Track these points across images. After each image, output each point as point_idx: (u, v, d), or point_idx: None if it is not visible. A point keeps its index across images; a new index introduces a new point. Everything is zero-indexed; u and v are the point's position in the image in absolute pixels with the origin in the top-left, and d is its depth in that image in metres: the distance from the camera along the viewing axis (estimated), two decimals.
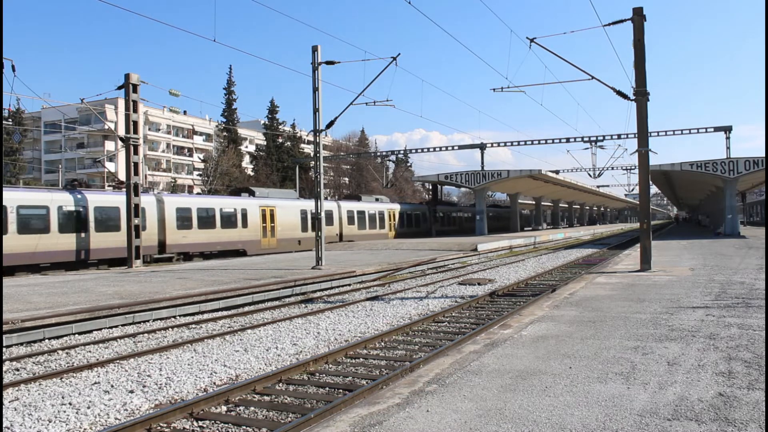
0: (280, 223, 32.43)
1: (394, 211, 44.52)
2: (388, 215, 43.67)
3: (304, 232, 33.91)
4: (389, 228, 43.67)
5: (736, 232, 38.58)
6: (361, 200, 42.60)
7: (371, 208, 42.04)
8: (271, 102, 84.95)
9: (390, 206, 44.72)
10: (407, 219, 48.01)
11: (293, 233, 33.44)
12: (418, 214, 50.11)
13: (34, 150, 79.22)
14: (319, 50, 20.48)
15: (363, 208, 40.93)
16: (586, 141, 44.77)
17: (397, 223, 45.48)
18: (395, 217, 44.47)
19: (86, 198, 22.73)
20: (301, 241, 33.53)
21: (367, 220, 40.91)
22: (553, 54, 17.35)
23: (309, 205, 34.16)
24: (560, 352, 6.71)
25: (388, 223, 43.64)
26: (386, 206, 44.04)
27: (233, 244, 29.17)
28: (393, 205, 45.57)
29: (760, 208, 77.88)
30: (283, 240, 32.46)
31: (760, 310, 9.11)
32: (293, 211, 33.80)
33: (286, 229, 32.75)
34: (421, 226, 50.13)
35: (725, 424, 4.33)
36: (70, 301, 12.18)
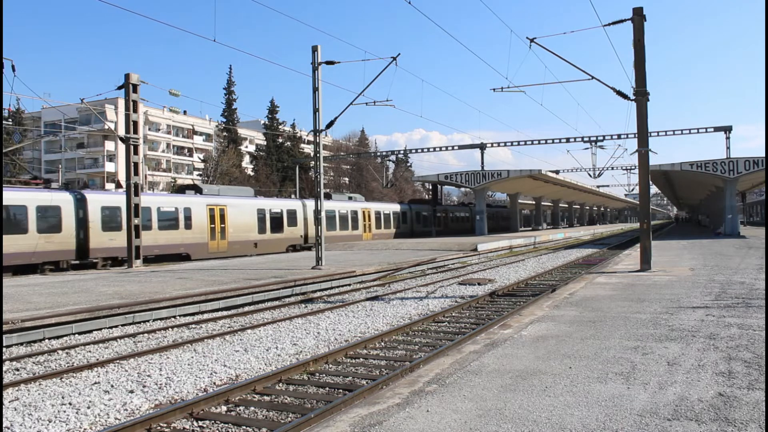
0: (233, 223, 29.06)
1: (370, 211, 41.39)
2: (363, 215, 40.38)
3: (261, 234, 30.74)
4: (364, 229, 40.39)
5: (736, 232, 38.58)
6: (332, 199, 38.92)
7: (343, 207, 38.52)
8: (271, 102, 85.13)
9: (365, 205, 41.65)
10: (406, 218, 47.47)
11: (248, 235, 30.03)
12: (420, 214, 49.06)
13: (34, 150, 79.21)
14: (319, 50, 20.48)
15: (332, 207, 37.39)
16: (586, 141, 44.79)
17: (390, 223, 43.61)
18: (371, 217, 41.25)
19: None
20: (257, 243, 30.32)
21: (338, 220, 37.54)
22: (553, 54, 17.36)
23: (268, 204, 32.12)
24: (560, 352, 6.71)
25: (363, 224, 40.37)
26: (361, 205, 40.84)
27: (174, 247, 25.91)
28: (368, 204, 42.68)
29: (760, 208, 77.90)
30: (236, 243, 29.12)
31: (760, 310, 9.11)
32: (248, 210, 30.37)
33: (239, 230, 29.37)
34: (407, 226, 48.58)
35: (725, 424, 4.33)
36: (70, 301, 12.18)
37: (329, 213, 36.44)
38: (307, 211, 34.36)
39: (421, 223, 49.07)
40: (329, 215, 36.38)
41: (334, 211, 37.37)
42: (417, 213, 48.97)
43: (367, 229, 40.73)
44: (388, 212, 44.56)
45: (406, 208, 47.60)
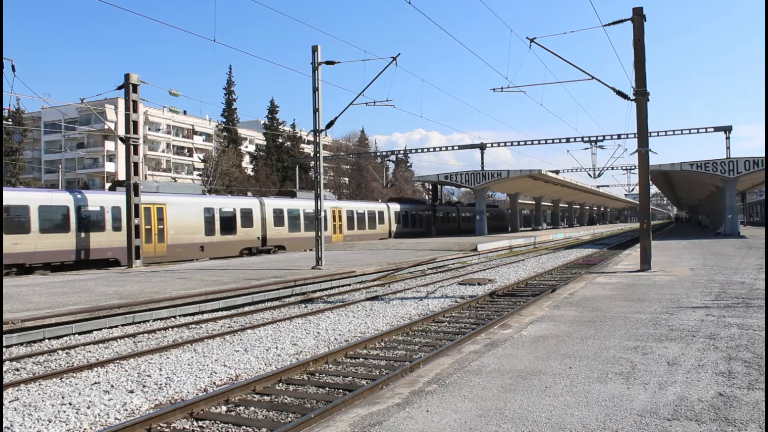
0: (174, 224, 25.69)
1: (340, 210, 38.15)
2: (334, 215, 37.18)
3: (209, 236, 27.41)
4: (335, 230, 37.12)
5: (736, 232, 38.58)
6: (296, 197, 35.89)
7: (309, 206, 34.08)
8: (271, 102, 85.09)
9: (335, 204, 38.41)
10: (406, 218, 47.05)
11: (192, 237, 26.62)
12: (416, 214, 48.09)
13: (34, 150, 79.22)
14: (319, 50, 20.48)
15: (296, 206, 34.11)
16: (586, 141, 44.83)
17: (365, 223, 40.64)
18: (341, 216, 38.10)
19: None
20: (204, 246, 27.03)
21: (303, 220, 34.13)
22: (553, 54, 17.37)
23: (217, 202, 28.97)
24: (560, 352, 6.71)
25: (333, 224, 36.93)
26: (330, 204, 37.29)
27: (99, 251, 22.66)
28: (339, 203, 39.49)
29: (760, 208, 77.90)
30: (177, 246, 25.73)
31: (760, 310, 9.11)
32: (192, 209, 26.91)
33: (181, 232, 25.93)
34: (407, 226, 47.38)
35: (725, 424, 4.33)
36: (70, 301, 12.18)
37: (292, 212, 33.56)
38: (265, 210, 31.60)
39: (401, 223, 45.95)
40: (292, 215, 33.50)
41: (298, 210, 34.12)
42: (398, 213, 45.88)
43: (337, 230, 37.41)
44: (363, 211, 41.25)
45: (383, 207, 44.43)
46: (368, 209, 42.30)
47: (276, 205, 32.80)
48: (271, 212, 31.86)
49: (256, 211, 30.90)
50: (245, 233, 29.72)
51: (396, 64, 19.77)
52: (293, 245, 32.92)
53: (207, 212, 27.77)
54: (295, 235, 33.49)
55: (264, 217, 31.32)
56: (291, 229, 33.17)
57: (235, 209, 29.53)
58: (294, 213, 33.79)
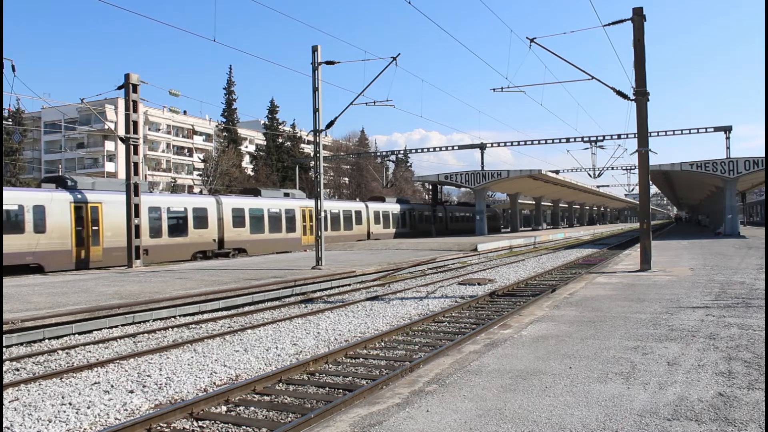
0: (111, 226, 22.97)
1: (312, 209, 33.82)
2: (303, 215, 34.00)
3: (154, 238, 24.79)
4: (305, 231, 34.07)
5: (736, 232, 38.58)
6: (261, 195, 32.93)
7: (274, 205, 32.21)
8: (271, 102, 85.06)
9: (306, 203, 34.68)
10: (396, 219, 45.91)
11: None
12: (398, 214, 45.76)
13: (34, 150, 79.23)
14: (319, 50, 20.48)
15: (259, 205, 31.22)
16: (586, 141, 44.85)
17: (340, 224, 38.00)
18: (312, 217, 34.08)
19: None
20: (149, 250, 24.29)
21: (267, 221, 31.30)
22: (553, 54, 17.37)
23: (165, 201, 26.10)
24: (560, 352, 6.71)
25: (303, 225, 34.01)
26: (299, 203, 34.27)
27: (18, 256, 20.08)
28: (311, 202, 34.55)
29: (760, 208, 77.90)
30: (116, 249, 22.93)
31: (760, 310, 9.11)
32: None
33: (121, 234, 22.79)
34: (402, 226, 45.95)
35: (725, 424, 4.33)
36: (70, 301, 12.18)
37: (254, 212, 30.59)
38: (222, 210, 28.38)
39: (381, 224, 43.06)
40: (254, 215, 30.55)
41: (262, 210, 31.23)
42: (377, 212, 42.98)
43: (308, 231, 34.27)
44: (337, 211, 38.27)
45: (361, 207, 41.70)
46: (344, 209, 39.55)
47: (236, 204, 29.81)
48: (229, 212, 28.95)
49: (211, 210, 27.96)
50: (198, 235, 26.86)
51: (396, 64, 19.79)
52: (256, 248, 30.13)
53: (152, 212, 25.07)
54: (258, 237, 30.56)
55: (221, 218, 28.39)
56: (253, 230, 30.33)
57: (187, 209, 26.74)
58: (257, 213, 30.84)
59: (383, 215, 43.87)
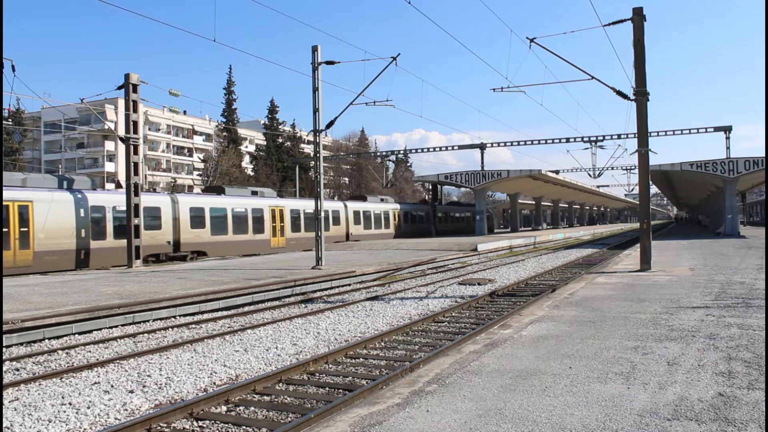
0: (44, 226, 20.64)
1: (283, 209, 32.73)
2: (272, 215, 31.75)
3: (97, 240, 22.29)
4: (274, 232, 31.81)
5: (736, 232, 38.58)
6: (224, 194, 30.44)
7: (241, 204, 29.85)
8: (271, 102, 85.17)
9: (276, 202, 32.85)
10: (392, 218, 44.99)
11: (70, 243, 21.44)
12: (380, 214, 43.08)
13: (34, 150, 79.24)
14: (319, 50, 20.48)
15: (222, 204, 28.77)
16: (586, 141, 44.86)
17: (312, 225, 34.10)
18: (282, 217, 32.59)
19: None
20: (89, 252, 22.00)
21: (231, 221, 28.94)
22: (553, 54, 17.37)
23: (110, 199, 23.48)
24: (560, 352, 6.71)
25: (273, 226, 31.70)
26: (269, 202, 32.06)
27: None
28: (282, 201, 33.78)
29: (760, 208, 77.88)
30: (49, 253, 20.70)
31: (760, 310, 9.11)
32: (72, 208, 21.71)
33: (55, 236, 20.92)
34: None
35: (725, 424, 4.33)
36: (70, 301, 12.18)
37: (216, 212, 28.15)
38: (179, 209, 25.87)
39: (362, 224, 40.62)
40: (216, 215, 28.07)
41: (225, 210, 28.79)
42: (357, 212, 40.35)
43: (278, 233, 32.03)
44: (311, 210, 34.48)
45: (339, 206, 38.86)
46: (332, 209, 37.04)
47: (194, 203, 27.36)
48: (187, 211, 26.39)
49: (166, 210, 25.57)
50: (150, 237, 24.34)
51: (396, 64, 19.79)
52: (218, 250, 27.77)
53: (95, 211, 22.59)
54: (220, 239, 28.06)
55: (177, 218, 25.90)
56: (215, 231, 27.83)
57: None
58: (219, 212, 28.34)
59: (364, 215, 41.26)
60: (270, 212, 31.67)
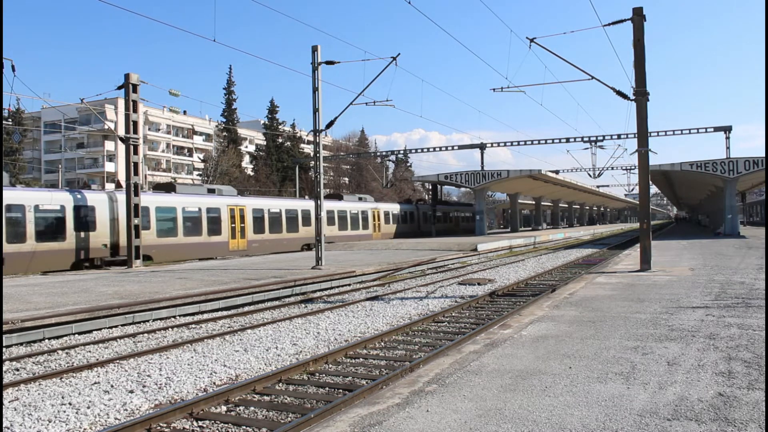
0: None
1: (244, 209, 29.81)
2: (231, 215, 28.84)
3: (15, 243, 19.97)
4: (233, 233, 28.89)
5: (736, 232, 38.58)
6: (174, 192, 27.68)
7: (194, 203, 26.96)
8: (271, 102, 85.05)
9: (237, 201, 29.89)
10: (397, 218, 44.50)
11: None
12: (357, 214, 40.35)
13: (34, 150, 79.25)
14: (319, 50, 20.48)
15: (170, 203, 26.02)
16: (586, 141, 44.84)
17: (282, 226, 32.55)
18: (243, 217, 29.68)
19: None
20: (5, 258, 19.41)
21: (181, 222, 26.09)
22: (553, 54, 17.36)
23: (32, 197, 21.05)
24: (560, 352, 6.71)
25: (232, 227, 28.82)
26: (226, 201, 28.99)
27: None
28: (242, 200, 30.65)
29: (760, 208, 77.89)
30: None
31: (760, 310, 9.11)
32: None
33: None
34: None
35: (725, 424, 4.33)
36: (70, 301, 12.18)
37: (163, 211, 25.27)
38: (117, 208, 23.12)
39: (336, 225, 37.78)
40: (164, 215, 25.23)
41: (174, 209, 25.97)
42: (330, 212, 37.49)
43: (237, 234, 29.24)
44: (278, 210, 32.64)
45: (308, 206, 34.81)
46: (286, 208, 33.67)
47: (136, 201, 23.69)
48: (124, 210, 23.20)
49: (102, 209, 22.87)
50: (82, 239, 22.09)
51: (396, 64, 19.79)
52: (165, 254, 24.94)
53: (11, 211, 20.19)
54: (168, 242, 25.29)
55: (116, 218, 23.17)
56: (162, 233, 25.00)
57: (65, 207, 21.79)
58: (167, 213, 25.60)
59: (340, 215, 38.21)
60: (228, 212, 28.85)
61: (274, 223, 31.94)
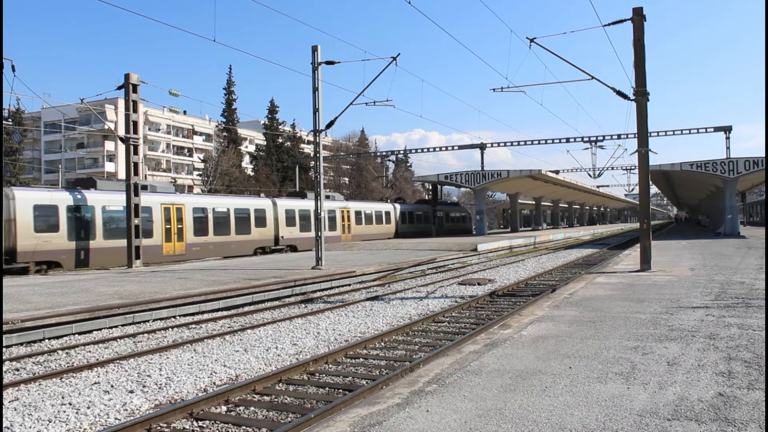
0: None
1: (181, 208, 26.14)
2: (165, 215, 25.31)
3: None
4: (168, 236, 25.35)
5: (736, 232, 38.57)
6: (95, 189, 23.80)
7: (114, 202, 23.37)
8: (271, 102, 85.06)
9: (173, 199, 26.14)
10: None
11: None
12: None
13: (34, 150, 79.23)
14: (319, 50, 20.48)
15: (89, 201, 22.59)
16: (586, 141, 44.86)
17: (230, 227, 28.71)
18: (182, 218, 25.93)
19: None
20: None
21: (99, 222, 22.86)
22: (553, 54, 17.36)
23: None
24: (560, 352, 6.71)
25: (167, 228, 25.33)
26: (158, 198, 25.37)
27: None
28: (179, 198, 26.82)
29: (760, 208, 77.90)
30: None
31: (760, 310, 9.11)
32: None
33: None
34: None
35: (725, 424, 4.33)
36: (70, 301, 12.18)
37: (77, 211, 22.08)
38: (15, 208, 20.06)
39: (296, 226, 33.78)
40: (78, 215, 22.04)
41: (92, 208, 22.65)
42: (291, 211, 33.57)
43: (173, 237, 25.60)
44: (224, 209, 28.79)
45: (265, 204, 31.86)
46: (236, 207, 29.64)
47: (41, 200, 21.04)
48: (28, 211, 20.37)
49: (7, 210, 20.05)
50: None
51: (396, 64, 19.79)
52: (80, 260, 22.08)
53: None
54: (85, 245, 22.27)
55: (12, 218, 20.11)
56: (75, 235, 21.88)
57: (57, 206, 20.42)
58: (83, 212, 22.37)
59: (301, 215, 34.05)
60: (162, 211, 25.32)
61: (220, 224, 28.29)
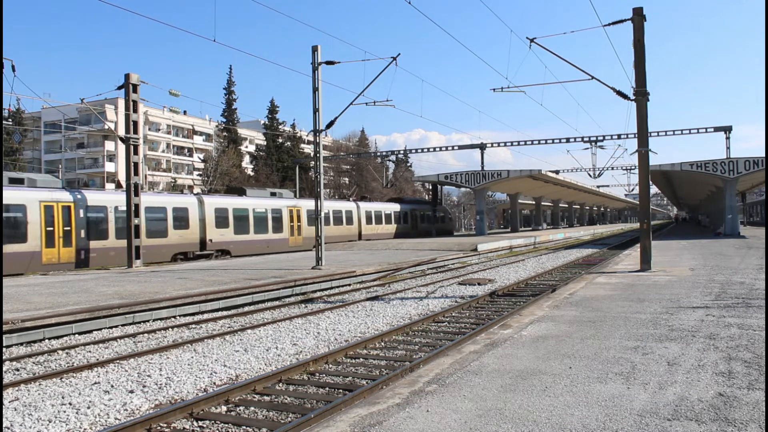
0: None
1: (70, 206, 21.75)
2: (45, 215, 20.82)
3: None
4: (47, 241, 20.75)
5: (736, 232, 38.56)
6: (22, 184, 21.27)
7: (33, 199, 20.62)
8: (271, 102, 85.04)
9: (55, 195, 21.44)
10: None
11: None
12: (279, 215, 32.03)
13: (34, 150, 79.22)
14: (319, 50, 20.48)
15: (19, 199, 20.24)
16: (586, 141, 44.82)
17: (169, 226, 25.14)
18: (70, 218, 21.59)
19: None
20: None
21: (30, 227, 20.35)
22: (553, 54, 17.36)
23: None
24: (560, 352, 6.71)
25: (42, 232, 20.67)
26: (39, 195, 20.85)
27: None
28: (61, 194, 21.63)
29: (760, 208, 77.86)
30: None
31: (760, 310, 9.11)
32: None
33: None
34: None
35: (725, 424, 4.33)
36: (70, 301, 12.17)
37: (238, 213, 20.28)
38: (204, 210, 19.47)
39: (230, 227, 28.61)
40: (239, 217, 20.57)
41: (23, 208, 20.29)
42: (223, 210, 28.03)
43: (57, 242, 21.24)
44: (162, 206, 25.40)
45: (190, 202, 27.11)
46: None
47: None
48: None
49: None
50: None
51: (396, 64, 19.79)
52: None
53: None
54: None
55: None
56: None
57: None
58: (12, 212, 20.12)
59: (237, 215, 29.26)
60: (42, 210, 20.81)
61: (153, 225, 24.72)
